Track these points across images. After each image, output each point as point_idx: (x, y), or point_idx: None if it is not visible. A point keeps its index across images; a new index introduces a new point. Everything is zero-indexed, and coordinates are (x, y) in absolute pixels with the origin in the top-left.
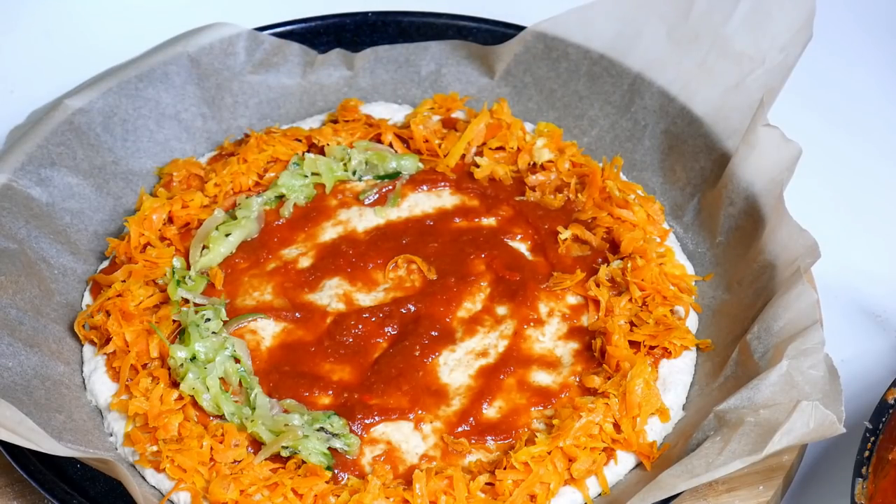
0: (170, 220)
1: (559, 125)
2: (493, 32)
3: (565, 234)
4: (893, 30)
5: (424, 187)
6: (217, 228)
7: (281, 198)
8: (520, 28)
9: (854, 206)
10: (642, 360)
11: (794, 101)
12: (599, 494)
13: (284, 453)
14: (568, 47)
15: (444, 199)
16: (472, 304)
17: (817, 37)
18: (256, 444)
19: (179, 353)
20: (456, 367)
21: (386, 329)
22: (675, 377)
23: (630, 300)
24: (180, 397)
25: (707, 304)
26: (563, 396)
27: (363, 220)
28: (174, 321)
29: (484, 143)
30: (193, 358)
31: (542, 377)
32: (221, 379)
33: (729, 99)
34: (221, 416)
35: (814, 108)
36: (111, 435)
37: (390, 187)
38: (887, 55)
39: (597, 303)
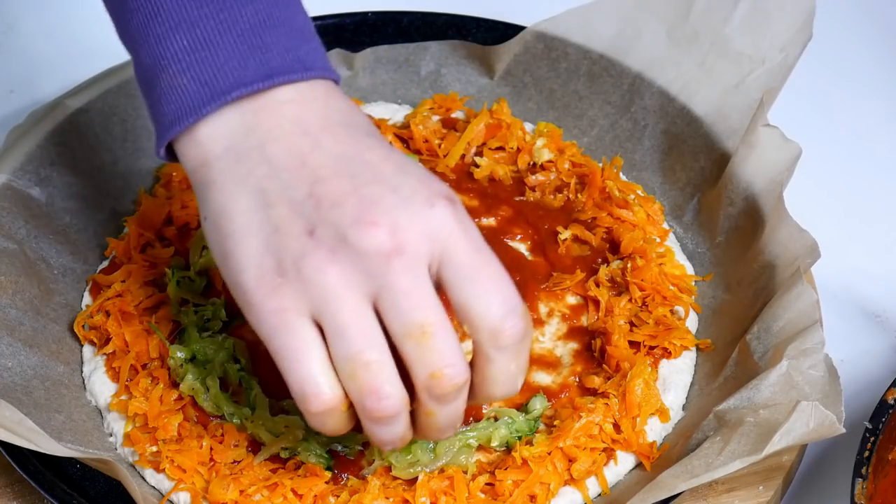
0: (170, 220)
1: (559, 125)
2: (493, 32)
3: (565, 234)
4: (894, 29)
5: None
6: None
7: None
8: (520, 28)
9: (854, 206)
10: (642, 361)
11: (794, 101)
12: (599, 495)
13: (284, 454)
14: (568, 47)
15: None
16: None
17: (817, 36)
18: (256, 445)
19: (179, 354)
20: None
21: None
22: (675, 377)
23: (630, 300)
24: (180, 397)
25: (707, 304)
26: (562, 396)
27: None
28: (174, 321)
29: (484, 143)
30: (193, 358)
31: (541, 377)
32: (221, 379)
33: (729, 99)
34: (221, 416)
35: (814, 107)
36: (111, 435)
37: None
38: (888, 54)
39: (597, 303)
